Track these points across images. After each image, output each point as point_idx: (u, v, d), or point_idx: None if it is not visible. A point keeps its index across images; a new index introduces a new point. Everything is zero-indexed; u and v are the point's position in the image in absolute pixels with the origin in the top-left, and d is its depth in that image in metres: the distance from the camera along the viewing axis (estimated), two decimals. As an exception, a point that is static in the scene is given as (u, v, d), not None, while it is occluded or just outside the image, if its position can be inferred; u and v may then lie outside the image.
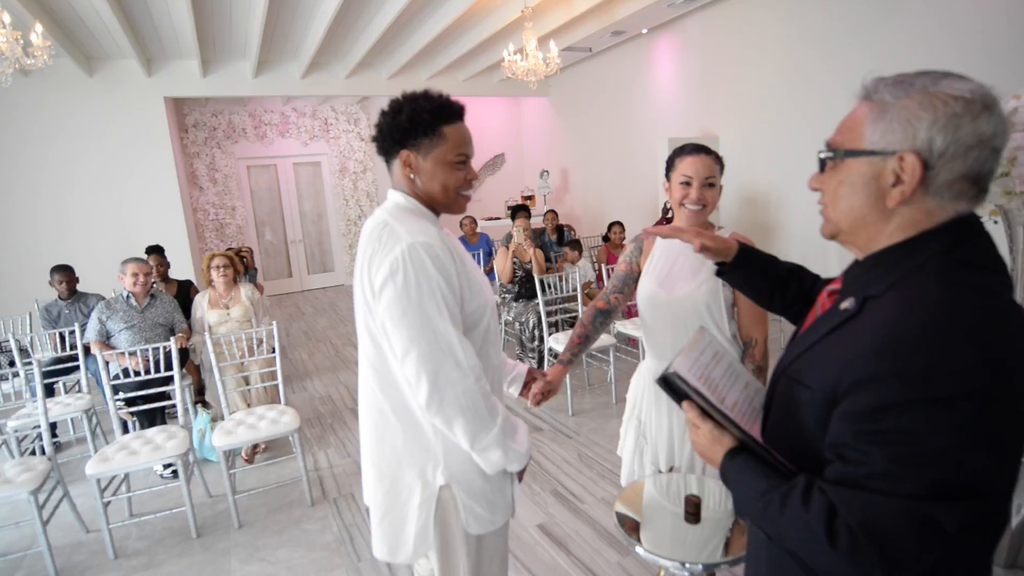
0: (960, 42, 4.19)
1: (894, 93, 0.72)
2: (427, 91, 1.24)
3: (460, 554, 1.27)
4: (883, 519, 0.63)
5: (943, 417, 0.62)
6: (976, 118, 0.67)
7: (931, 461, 0.62)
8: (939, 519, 0.61)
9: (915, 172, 0.69)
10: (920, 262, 0.70)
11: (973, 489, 0.62)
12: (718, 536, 1.33)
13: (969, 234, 0.71)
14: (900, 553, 0.63)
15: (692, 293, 1.62)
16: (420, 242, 1.12)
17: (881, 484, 0.64)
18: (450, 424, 1.14)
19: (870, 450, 0.65)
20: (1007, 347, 0.63)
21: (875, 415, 0.65)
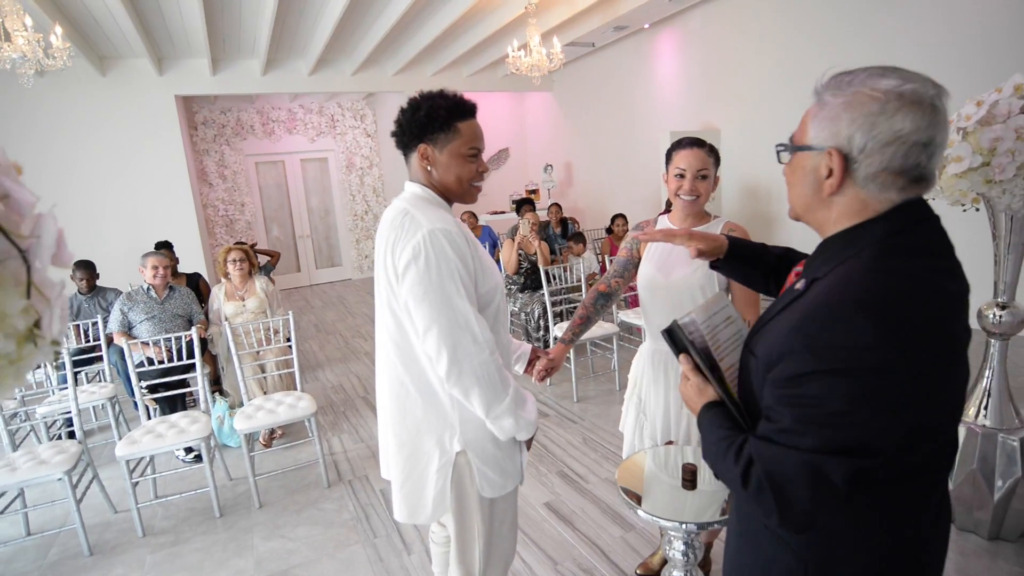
0: (958, 30, 4.25)
1: (832, 92, 0.80)
2: (443, 90, 1.34)
3: (475, 516, 1.39)
4: (782, 468, 0.74)
5: (841, 386, 0.71)
6: (892, 116, 0.73)
7: (828, 422, 0.72)
8: (828, 471, 0.71)
9: (838, 166, 0.77)
10: (859, 248, 0.78)
11: (862, 448, 0.71)
12: (714, 506, 1.42)
13: (907, 224, 0.77)
14: (793, 497, 0.74)
15: (688, 277, 1.72)
16: (439, 228, 1.23)
17: (787, 439, 0.75)
18: (467, 394, 1.25)
19: (784, 411, 0.76)
20: (907, 326, 0.70)
21: (789, 382, 0.75)
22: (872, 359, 0.70)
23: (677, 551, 1.46)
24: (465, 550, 1.42)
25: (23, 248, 0.55)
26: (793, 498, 0.74)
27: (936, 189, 1.98)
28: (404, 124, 1.33)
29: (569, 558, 2.23)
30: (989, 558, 2.02)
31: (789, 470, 0.74)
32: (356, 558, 2.34)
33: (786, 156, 0.87)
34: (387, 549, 2.38)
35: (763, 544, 0.89)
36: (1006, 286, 2.06)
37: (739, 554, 0.97)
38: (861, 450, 0.71)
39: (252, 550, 2.46)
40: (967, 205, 1.95)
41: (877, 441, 0.71)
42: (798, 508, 0.74)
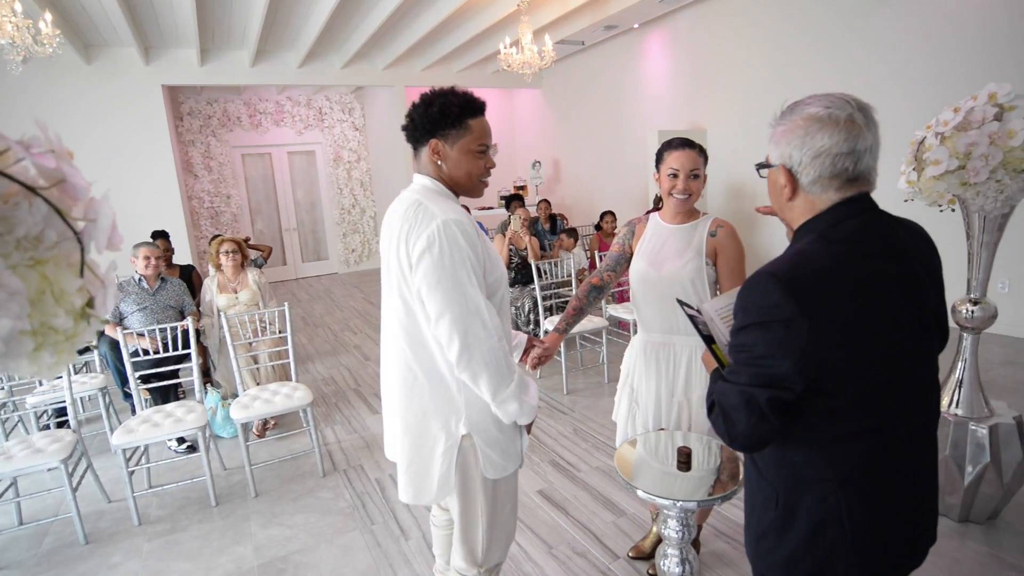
0: (940, 33, 4.40)
1: (779, 122, 1.01)
2: (454, 88, 1.39)
3: (478, 497, 1.45)
4: (728, 398, 0.97)
5: (761, 335, 0.93)
6: (814, 136, 0.94)
7: (755, 363, 0.94)
8: (756, 399, 0.93)
9: (786, 178, 1.00)
10: (804, 235, 0.99)
11: (778, 382, 0.92)
12: (703, 488, 1.50)
13: (848, 215, 0.97)
14: (736, 419, 0.96)
15: (679, 271, 1.80)
16: (452, 219, 1.28)
17: (733, 378, 0.98)
18: (476, 379, 1.31)
19: (733, 357, 1.00)
20: (809, 291, 0.90)
21: (735, 334, 0.99)
22: (779, 314, 0.90)
23: (672, 529, 1.54)
24: (469, 530, 1.48)
25: (77, 230, 0.60)
26: (736, 420, 0.96)
27: (915, 191, 2.09)
28: (416, 119, 1.37)
29: (563, 542, 2.31)
30: (959, 539, 2.14)
31: (732, 399, 0.96)
32: (354, 544, 2.39)
33: (764, 173, 1.08)
34: (385, 535, 2.44)
35: (752, 483, 1.11)
36: (978, 283, 2.17)
37: (745, 499, 1.16)
38: (778, 384, 0.92)
39: (250, 537, 2.49)
40: (943, 206, 2.06)
41: (789, 379, 0.91)
42: (739, 428, 0.96)
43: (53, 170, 0.60)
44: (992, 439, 2.12)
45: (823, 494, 0.97)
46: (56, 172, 0.60)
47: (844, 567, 0.97)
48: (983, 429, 2.14)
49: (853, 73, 4.92)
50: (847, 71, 4.96)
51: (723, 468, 1.59)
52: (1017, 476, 2.18)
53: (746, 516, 1.14)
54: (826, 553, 0.98)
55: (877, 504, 0.97)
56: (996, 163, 1.86)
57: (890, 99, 4.67)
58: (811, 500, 0.98)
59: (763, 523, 1.06)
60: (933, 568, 1.98)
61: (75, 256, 0.61)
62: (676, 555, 1.57)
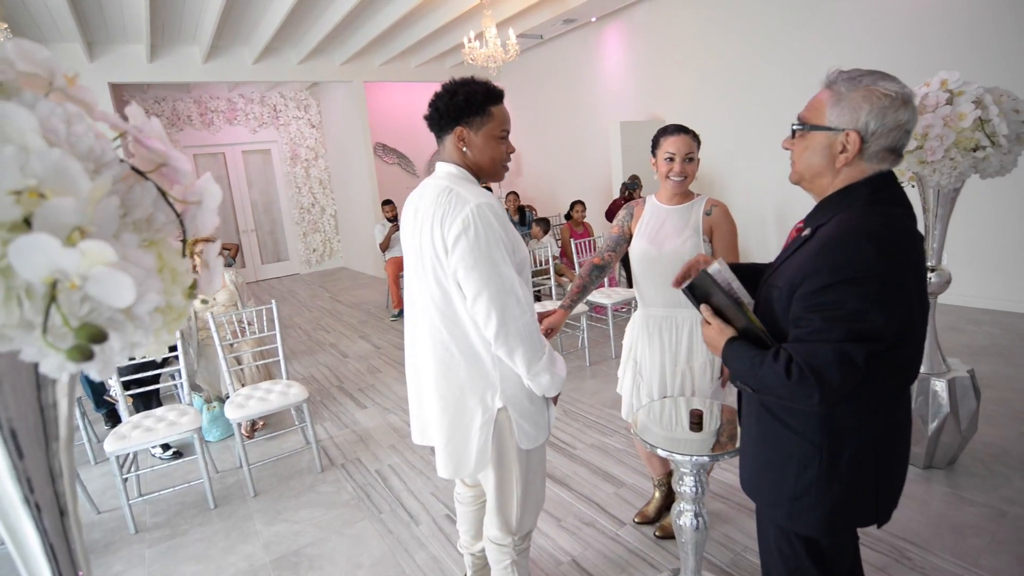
0: (891, 26, 4.73)
1: (848, 86, 1.04)
2: (474, 77, 1.46)
3: (513, 467, 1.53)
4: (818, 357, 0.98)
5: (854, 291, 0.96)
6: (897, 111, 1.01)
7: (848, 318, 0.97)
8: (852, 355, 0.96)
9: (855, 144, 1.03)
10: (852, 201, 1.06)
11: (873, 336, 0.96)
12: (708, 447, 1.62)
13: (885, 184, 1.06)
14: (828, 377, 0.98)
15: (679, 248, 1.92)
16: (484, 202, 1.35)
17: (818, 336, 0.99)
18: (512, 353, 1.38)
19: (812, 316, 1.00)
20: (896, 246, 0.98)
21: (815, 294, 1.00)
22: (874, 270, 0.96)
23: (687, 486, 1.67)
24: (504, 500, 1.56)
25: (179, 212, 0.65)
26: (829, 378, 0.98)
27: None
28: (442, 108, 1.43)
29: (570, 515, 2.41)
30: (926, 483, 2.38)
31: (824, 357, 0.98)
32: (365, 533, 2.42)
33: (797, 131, 1.11)
34: (395, 522, 2.48)
35: (785, 443, 1.13)
36: (934, 252, 2.40)
37: (759, 459, 1.20)
38: (873, 337, 0.96)
39: (257, 535, 2.48)
40: (904, 182, 2.26)
41: (883, 331, 0.97)
42: (834, 385, 0.98)
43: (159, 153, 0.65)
44: (951, 392, 2.36)
45: (862, 442, 1.06)
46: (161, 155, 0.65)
47: (872, 507, 1.09)
48: (942, 383, 2.38)
49: (805, 62, 5.22)
50: (799, 60, 5.26)
51: (723, 430, 1.73)
52: (972, 424, 2.44)
53: (769, 482, 1.17)
54: (859, 497, 1.07)
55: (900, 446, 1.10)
56: (950, 143, 2.07)
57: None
58: (853, 449, 1.06)
59: (802, 482, 1.09)
60: (906, 511, 2.19)
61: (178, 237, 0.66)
62: (691, 510, 1.69)
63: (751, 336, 1.15)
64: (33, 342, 0.50)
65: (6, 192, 0.48)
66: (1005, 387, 3.14)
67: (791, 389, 1.02)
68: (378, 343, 5.29)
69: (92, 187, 0.53)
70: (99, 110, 0.65)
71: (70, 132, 0.56)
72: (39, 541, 0.70)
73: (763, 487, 1.19)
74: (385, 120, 9.25)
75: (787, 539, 1.19)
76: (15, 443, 0.64)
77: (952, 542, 2.04)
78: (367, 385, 4.23)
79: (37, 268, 0.47)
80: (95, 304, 0.51)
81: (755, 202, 5.79)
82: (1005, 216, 4.32)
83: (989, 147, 2.07)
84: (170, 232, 0.64)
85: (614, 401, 3.49)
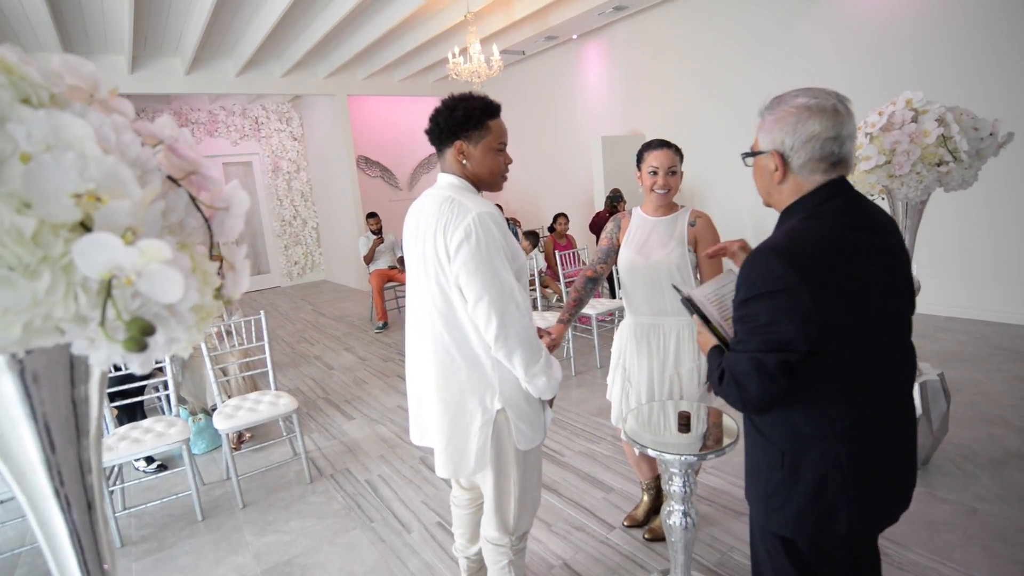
0: (861, 45, 4.94)
1: (768, 111, 1.13)
2: (471, 92, 1.52)
3: (511, 468, 1.57)
4: (739, 366, 1.08)
5: (766, 305, 1.04)
6: (806, 123, 1.06)
7: (762, 330, 1.05)
8: (765, 362, 1.04)
9: (778, 161, 1.11)
10: (795, 214, 1.12)
11: (785, 346, 1.03)
12: (696, 448, 1.68)
13: (827, 196, 1.10)
14: (746, 384, 1.07)
15: (665, 259, 2.00)
16: (485, 212, 1.41)
17: (741, 347, 1.09)
18: (511, 355, 1.43)
19: (739, 328, 1.11)
20: (807, 262, 1.02)
21: (739, 307, 1.10)
22: (782, 284, 1.02)
23: (677, 486, 1.72)
24: (502, 501, 1.59)
25: (207, 216, 0.70)
26: (747, 384, 1.07)
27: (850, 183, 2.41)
28: (442, 123, 1.49)
29: (560, 520, 2.45)
30: (901, 483, 2.47)
31: (742, 366, 1.07)
32: (357, 542, 2.43)
33: (750, 161, 1.21)
34: (386, 531, 2.49)
35: (756, 448, 1.21)
36: (904, 261, 2.52)
37: (746, 462, 1.28)
38: (785, 347, 1.03)
39: (247, 546, 2.47)
40: (875, 195, 2.38)
41: (795, 342, 1.02)
42: (751, 392, 1.07)
43: (190, 161, 0.69)
44: (923, 395, 2.47)
45: (824, 448, 1.09)
46: (192, 163, 0.69)
47: (846, 514, 1.10)
48: (915, 386, 2.48)
49: (776, 80, 5.42)
50: (771, 78, 5.46)
51: (710, 433, 1.79)
52: (943, 426, 2.55)
53: (751, 482, 1.24)
54: (830, 503, 1.10)
55: (873, 454, 1.10)
56: (916, 158, 2.20)
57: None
58: (814, 455, 1.09)
59: (771, 483, 1.16)
60: (883, 508, 2.28)
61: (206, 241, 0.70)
62: (681, 509, 1.75)
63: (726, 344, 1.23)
64: (85, 335, 0.54)
65: (68, 195, 0.52)
66: (974, 391, 3.27)
67: (725, 393, 1.13)
68: (363, 355, 5.28)
69: (145, 191, 0.57)
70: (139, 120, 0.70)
71: (119, 141, 0.60)
72: (68, 533, 0.72)
73: (749, 487, 1.26)
74: (368, 133, 9.29)
75: (768, 539, 1.23)
76: (48, 437, 0.67)
77: (927, 538, 2.12)
78: (353, 396, 4.22)
79: (98, 265, 0.51)
80: (145, 300, 0.55)
81: (732, 213, 5.95)
82: (968, 228, 4.53)
83: (952, 162, 2.20)
84: (198, 237, 0.68)
85: (600, 409, 3.54)
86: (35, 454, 0.67)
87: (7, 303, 0.51)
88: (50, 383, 0.65)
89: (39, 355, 0.62)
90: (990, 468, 2.53)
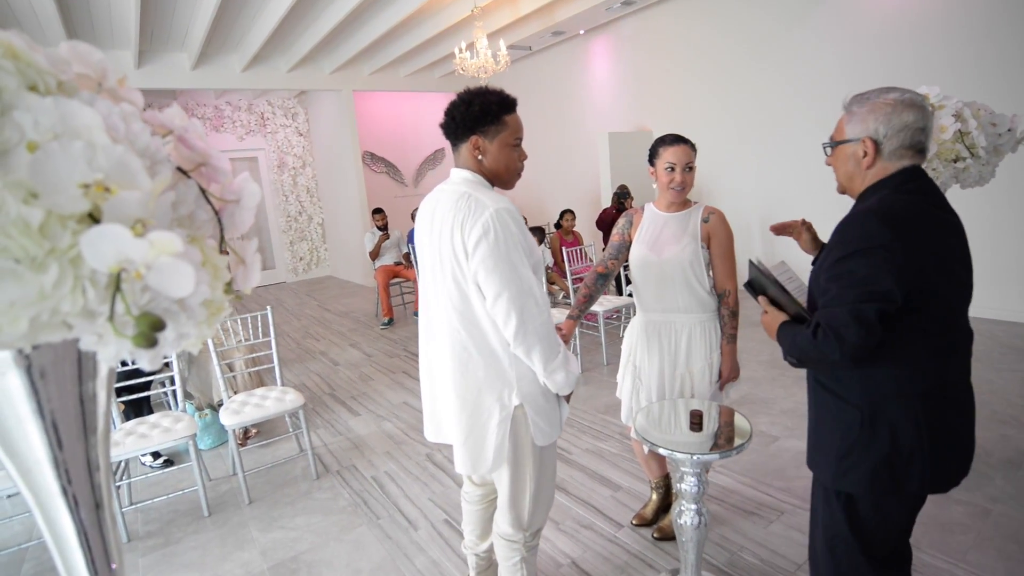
0: (866, 44, 4.89)
1: (857, 105, 1.26)
2: (488, 87, 1.50)
3: (528, 464, 1.55)
4: (837, 318, 1.15)
5: (863, 260, 1.13)
6: (900, 114, 1.20)
7: (859, 283, 1.13)
8: (865, 312, 1.12)
9: (871, 147, 1.24)
10: (879, 191, 1.24)
11: (883, 297, 1.11)
12: (708, 447, 1.66)
13: (910, 177, 1.23)
14: (845, 334, 1.13)
15: (678, 255, 1.97)
16: (503, 207, 1.38)
17: (836, 301, 1.16)
18: (530, 351, 1.41)
19: (831, 286, 1.18)
20: (901, 223, 1.14)
21: (832, 267, 1.18)
22: (878, 240, 1.12)
23: (689, 484, 1.70)
24: (517, 496, 1.58)
25: (217, 209, 0.68)
26: (846, 334, 1.13)
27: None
28: (458, 117, 1.46)
29: (569, 518, 2.43)
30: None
31: (841, 317, 1.14)
32: (364, 539, 2.42)
33: (829, 150, 1.33)
34: (393, 527, 2.48)
35: (830, 412, 1.28)
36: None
37: (815, 431, 1.35)
38: (883, 298, 1.12)
39: (253, 542, 2.46)
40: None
41: (891, 293, 1.11)
42: (851, 340, 1.13)
43: (200, 153, 0.67)
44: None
45: (904, 406, 1.17)
46: (202, 155, 0.67)
47: (919, 471, 1.18)
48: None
49: (789, 72, 5.36)
50: (783, 71, 5.41)
51: (722, 432, 1.77)
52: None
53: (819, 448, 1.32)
54: (905, 459, 1.18)
55: (948, 416, 1.19)
56: (932, 154, 2.16)
57: (826, 96, 5.13)
58: (894, 413, 1.18)
59: (846, 442, 1.24)
60: (896, 509, 2.25)
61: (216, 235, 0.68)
62: (693, 508, 1.73)
63: (800, 320, 1.30)
64: (94, 330, 0.52)
65: (76, 185, 0.50)
66: (986, 391, 3.23)
67: (818, 348, 1.17)
68: (369, 351, 5.27)
69: (155, 182, 0.55)
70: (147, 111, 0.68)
71: (128, 130, 0.58)
72: (75, 532, 0.70)
73: (817, 455, 1.33)
74: (373, 129, 9.27)
75: (829, 506, 1.32)
76: (56, 434, 0.65)
77: (940, 539, 2.10)
78: (359, 393, 4.22)
79: (106, 257, 0.49)
80: (154, 294, 0.53)
81: (740, 209, 5.91)
82: (982, 226, 4.47)
83: (969, 158, 2.16)
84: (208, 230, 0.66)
85: (607, 407, 3.52)
86: (42, 452, 0.65)
87: (13, 297, 0.49)
88: (58, 379, 0.63)
89: (47, 350, 0.60)
90: (1004, 468, 2.50)
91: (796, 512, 2.32)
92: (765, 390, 3.57)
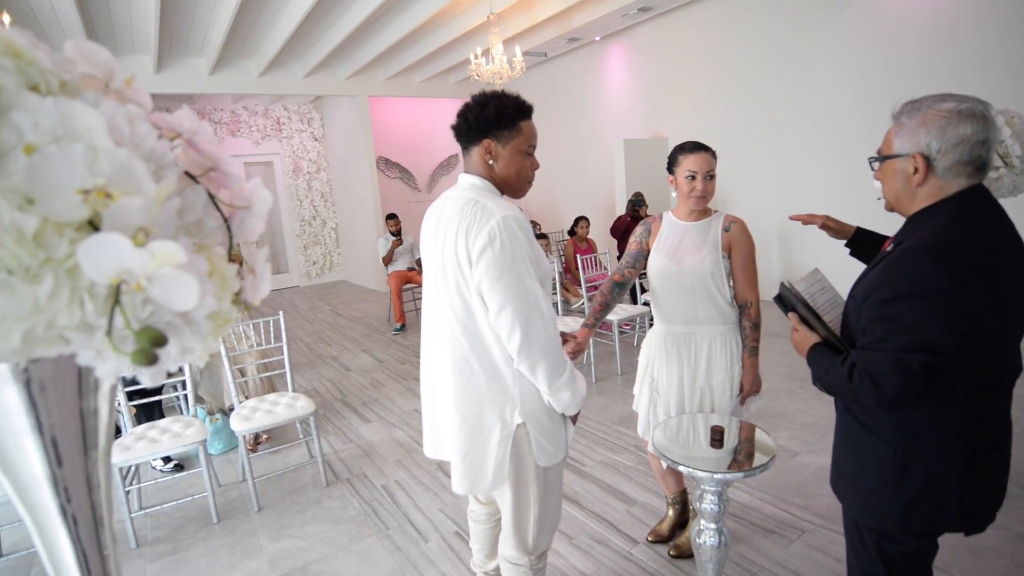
0: (891, 46, 4.80)
1: (908, 115, 1.11)
2: (504, 91, 1.46)
3: (531, 484, 1.50)
4: (877, 364, 1.06)
5: (912, 304, 1.03)
6: (956, 127, 1.05)
7: (905, 330, 1.04)
8: (909, 362, 1.03)
9: (922, 164, 1.09)
10: (935, 217, 1.09)
11: (930, 347, 1.02)
12: (726, 464, 1.60)
13: (971, 201, 1.08)
14: (885, 384, 1.06)
15: (699, 264, 1.92)
16: (510, 215, 1.34)
17: (879, 345, 1.07)
18: (535, 368, 1.36)
19: (875, 327, 1.08)
20: (958, 265, 1.02)
21: (879, 305, 1.07)
22: (932, 285, 1.01)
23: (710, 503, 1.64)
24: (520, 518, 1.52)
25: (226, 216, 0.64)
26: (884, 384, 1.05)
27: None
28: (471, 120, 1.42)
29: (582, 533, 2.37)
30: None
31: (882, 365, 1.06)
32: (373, 550, 2.37)
33: (876, 165, 1.20)
34: (403, 539, 2.43)
35: (862, 445, 1.20)
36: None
37: (842, 459, 1.27)
38: (930, 348, 1.02)
39: (261, 551, 2.43)
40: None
41: (940, 343, 1.02)
42: (890, 391, 1.05)
43: (210, 157, 0.64)
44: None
45: (942, 448, 1.09)
46: (212, 159, 0.64)
47: (955, 514, 1.10)
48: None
49: (808, 79, 5.28)
50: (801, 77, 5.33)
51: (742, 448, 1.71)
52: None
53: (846, 478, 1.26)
54: (940, 501, 1.10)
55: (990, 456, 1.10)
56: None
57: (845, 104, 5.05)
58: (930, 454, 1.10)
59: (878, 480, 1.16)
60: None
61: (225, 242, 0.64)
62: (713, 528, 1.67)
63: (832, 343, 1.22)
64: (92, 345, 0.49)
65: (75, 190, 0.47)
66: (1017, 407, 3.11)
67: (853, 391, 1.10)
68: (381, 357, 5.25)
69: (159, 188, 0.52)
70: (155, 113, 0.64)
71: (133, 133, 0.54)
72: (73, 553, 0.67)
73: (846, 485, 1.26)
74: (388, 135, 9.30)
75: (860, 537, 1.25)
76: (55, 451, 0.62)
77: (971, 564, 2.01)
78: (371, 399, 4.19)
79: (105, 268, 0.45)
80: (156, 307, 0.49)
81: (757, 218, 5.81)
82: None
83: (1003, 167, 2.09)
84: (217, 238, 0.62)
85: (621, 418, 3.46)
86: (40, 469, 0.62)
87: (5, 310, 0.45)
88: (58, 393, 0.60)
89: (46, 364, 0.57)
90: (1037, 490, 2.40)
91: (818, 532, 2.25)
92: (784, 403, 3.48)
